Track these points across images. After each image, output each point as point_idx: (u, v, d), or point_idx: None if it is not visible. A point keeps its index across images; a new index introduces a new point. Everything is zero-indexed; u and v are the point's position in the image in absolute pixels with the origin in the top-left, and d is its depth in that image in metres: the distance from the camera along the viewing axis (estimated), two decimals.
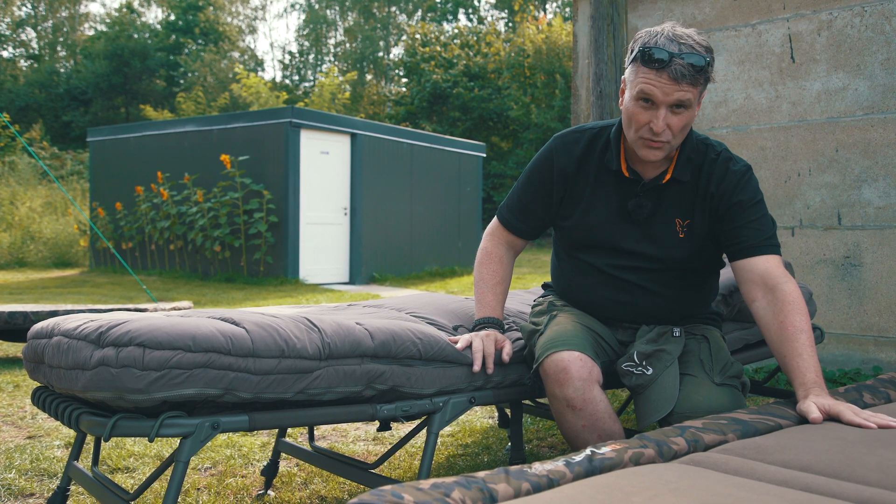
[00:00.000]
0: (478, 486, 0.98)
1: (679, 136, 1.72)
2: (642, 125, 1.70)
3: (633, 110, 1.71)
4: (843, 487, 1.03)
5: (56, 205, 15.54)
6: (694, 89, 1.66)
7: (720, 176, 1.79)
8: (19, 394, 3.70)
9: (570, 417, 1.69)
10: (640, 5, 4.09)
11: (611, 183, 1.86)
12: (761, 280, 1.70)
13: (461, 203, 13.47)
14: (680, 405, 1.69)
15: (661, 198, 1.83)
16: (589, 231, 1.89)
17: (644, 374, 1.75)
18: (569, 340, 1.73)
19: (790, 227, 3.62)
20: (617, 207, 1.86)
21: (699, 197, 1.81)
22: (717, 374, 1.75)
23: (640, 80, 1.66)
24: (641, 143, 1.73)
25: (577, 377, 1.67)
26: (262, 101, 22.32)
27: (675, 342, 1.81)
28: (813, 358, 1.59)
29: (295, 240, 10.53)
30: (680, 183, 1.82)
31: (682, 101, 1.65)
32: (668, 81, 1.63)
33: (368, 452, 2.77)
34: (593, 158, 1.88)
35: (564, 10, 31.83)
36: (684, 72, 1.62)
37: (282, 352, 1.54)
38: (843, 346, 3.49)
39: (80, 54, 31.11)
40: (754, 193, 1.79)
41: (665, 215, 1.83)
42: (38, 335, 1.64)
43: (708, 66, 1.65)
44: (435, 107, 24.90)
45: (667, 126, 1.68)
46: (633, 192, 1.84)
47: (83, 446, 1.96)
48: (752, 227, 1.75)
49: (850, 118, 3.46)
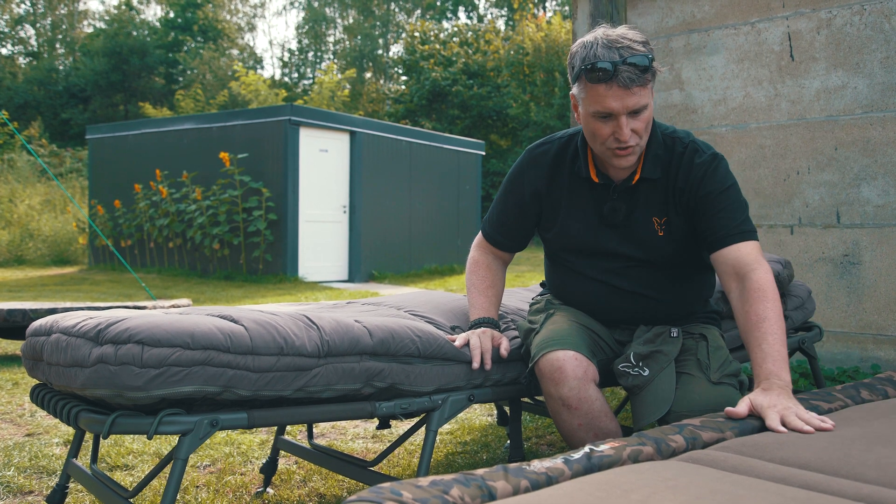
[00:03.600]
0: (477, 483, 0.98)
1: (644, 135, 1.73)
2: (607, 138, 1.70)
3: (594, 126, 1.70)
4: (841, 485, 1.04)
5: (55, 202, 15.53)
6: (644, 89, 1.65)
7: (686, 170, 1.78)
8: (18, 391, 3.70)
9: (567, 416, 1.70)
10: (640, 3, 4.09)
11: (585, 190, 1.87)
12: (733, 270, 1.69)
13: (460, 201, 13.46)
14: (677, 404, 1.69)
15: (635, 198, 1.83)
16: (571, 239, 1.90)
17: (640, 376, 1.75)
18: (564, 339, 1.73)
19: (789, 226, 3.63)
20: (593, 213, 1.86)
21: (670, 194, 1.81)
22: (713, 372, 1.75)
23: (592, 99, 1.66)
24: (611, 154, 1.73)
25: (572, 376, 1.67)
26: (261, 99, 22.30)
27: (672, 343, 1.81)
28: (775, 346, 1.57)
29: (294, 237, 10.52)
30: (650, 181, 1.81)
31: (639, 105, 1.65)
32: (619, 91, 1.62)
33: (367, 450, 2.77)
34: (564, 169, 1.89)
35: (564, 8, 31.81)
36: (632, 76, 1.61)
37: (280, 349, 1.54)
38: (841, 344, 3.49)
39: (78, 52, 31.07)
40: (722, 181, 1.76)
41: (642, 215, 1.83)
42: (37, 332, 1.64)
43: (651, 62, 1.64)
44: (434, 105, 24.88)
45: (632, 131, 1.68)
46: (607, 196, 1.84)
47: (82, 444, 1.96)
48: (721, 216, 1.73)
49: (849, 117, 3.46)
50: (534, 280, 10.06)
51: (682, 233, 1.82)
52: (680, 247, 1.83)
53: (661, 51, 4.03)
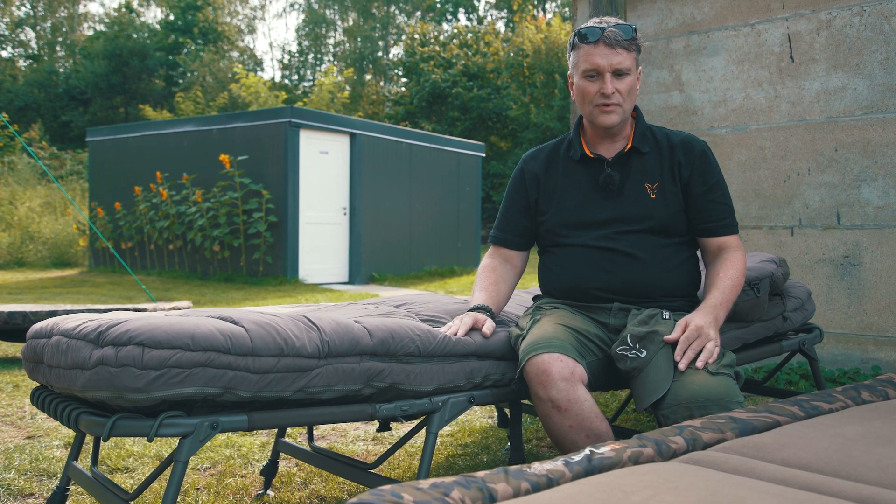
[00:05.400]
0: (477, 485, 0.98)
1: (628, 99, 1.93)
2: (593, 95, 1.92)
3: (582, 85, 1.94)
4: (842, 486, 1.04)
5: (55, 205, 15.53)
6: (629, 54, 1.90)
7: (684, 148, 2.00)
8: (18, 394, 3.70)
9: (557, 418, 1.70)
10: (639, 5, 4.09)
11: (579, 169, 2.04)
12: (717, 251, 1.99)
13: (460, 203, 13.46)
14: (677, 394, 1.69)
15: (628, 167, 2.00)
16: (568, 213, 2.02)
17: (639, 357, 1.77)
18: (548, 342, 1.75)
19: (789, 227, 3.63)
20: (589, 187, 2.02)
21: (665, 163, 2.00)
22: (711, 363, 1.76)
23: (582, 59, 1.92)
24: (598, 111, 1.93)
25: (558, 378, 1.68)
26: (261, 101, 22.31)
27: (665, 324, 1.83)
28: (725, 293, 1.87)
29: (294, 239, 10.52)
30: (641, 153, 2.00)
31: (622, 67, 1.89)
32: (605, 49, 1.88)
33: (368, 452, 2.77)
34: (559, 159, 2.09)
35: (563, 10, 31.84)
36: (617, 37, 1.88)
37: (281, 350, 1.54)
38: (842, 345, 3.49)
39: (78, 54, 31.10)
40: (718, 169, 2.02)
41: (635, 183, 1.99)
42: (38, 335, 1.64)
43: (635, 33, 1.92)
44: (434, 106, 24.90)
45: (615, 90, 1.90)
46: (601, 169, 2.01)
47: (82, 446, 1.96)
48: (720, 207, 1.99)
49: (849, 118, 3.46)
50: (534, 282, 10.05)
51: (675, 198, 1.98)
52: (671, 211, 1.97)
53: (660, 52, 4.03)
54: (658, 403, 1.71)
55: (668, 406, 1.69)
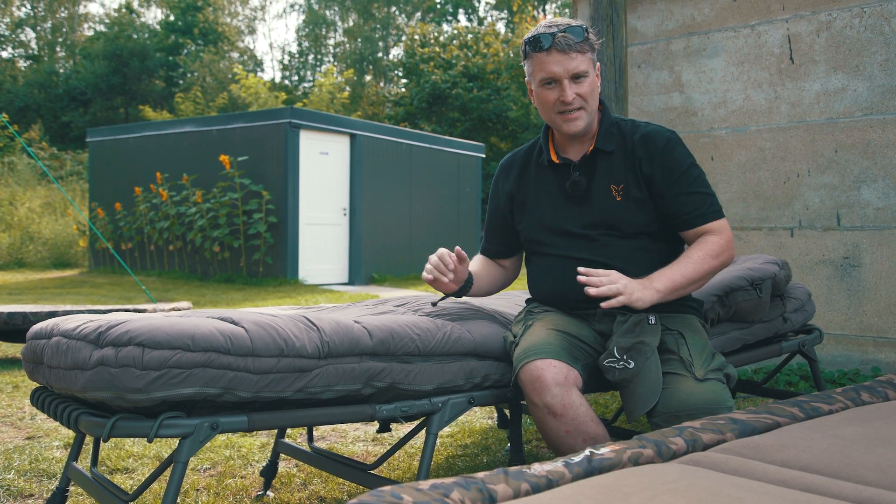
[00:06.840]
0: (477, 486, 0.98)
1: (590, 100, 1.90)
2: (554, 103, 1.89)
3: (542, 94, 1.91)
4: (841, 487, 1.04)
5: (55, 205, 15.54)
6: (583, 56, 1.86)
7: (643, 141, 1.94)
8: (18, 394, 3.70)
9: (553, 424, 1.70)
10: (640, 6, 4.10)
11: (549, 176, 2.03)
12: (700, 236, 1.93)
13: (460, 203, 13.47)
14: (665, 404, 1.69)
15: (593, 169, 1.97)
16: (540, 222, 2.02)
17: (627, 369, 1.76)
18: (541, 348, 1.74)
19: (789, 228, 3.63)
20: (558, 193, 2.01)
21: (627, 162, 1.95)
22: (698, 369, 1.75)
23: (537, 68, 1.88)
24: (561, 119, 1.91)
25: (553, 383, 1.68)
26: (261, 102, 22.31)
27: (651, 331, 1.81)
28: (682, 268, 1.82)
29: (294, 240, 10.52)
30: (606, 154, 1.96)
31: (579, 70, 1.85)
32: (558, 56, 1.84)
33: (367, 453, 2.77)
34: (531, 167, 2.08)
35: (563, 11, 31.85)
36: (569, 41, 1.84)
37: (281, 351, 1.54)
38: (842, 346, 3.49)
39: (79, 55, 31.11)
40: (685, 156, 1.94)
41: (600, 185, 1.96)
42: (38, 336, 1.64)
43: (587, 33, 1.88)
44: (434, 107, 24.91)
45: (576, 95, 1.87)
46: (568, 173, 1.99)
47: (82, 447, 1.96)
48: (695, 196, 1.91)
49: (849, 119, 3.46)
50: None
51: (641, 199, 1.94)
52: (639, 213, 1.93)
53: (661, 53, 4.03)
54: (649, 413, 1.71)
55: (658, 415, 1.69)
